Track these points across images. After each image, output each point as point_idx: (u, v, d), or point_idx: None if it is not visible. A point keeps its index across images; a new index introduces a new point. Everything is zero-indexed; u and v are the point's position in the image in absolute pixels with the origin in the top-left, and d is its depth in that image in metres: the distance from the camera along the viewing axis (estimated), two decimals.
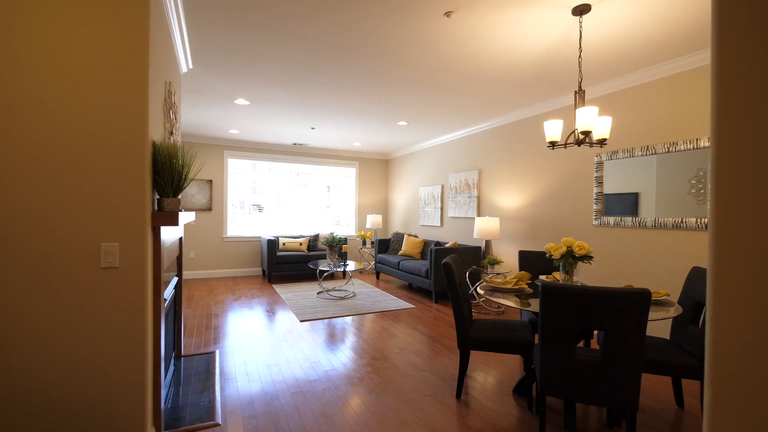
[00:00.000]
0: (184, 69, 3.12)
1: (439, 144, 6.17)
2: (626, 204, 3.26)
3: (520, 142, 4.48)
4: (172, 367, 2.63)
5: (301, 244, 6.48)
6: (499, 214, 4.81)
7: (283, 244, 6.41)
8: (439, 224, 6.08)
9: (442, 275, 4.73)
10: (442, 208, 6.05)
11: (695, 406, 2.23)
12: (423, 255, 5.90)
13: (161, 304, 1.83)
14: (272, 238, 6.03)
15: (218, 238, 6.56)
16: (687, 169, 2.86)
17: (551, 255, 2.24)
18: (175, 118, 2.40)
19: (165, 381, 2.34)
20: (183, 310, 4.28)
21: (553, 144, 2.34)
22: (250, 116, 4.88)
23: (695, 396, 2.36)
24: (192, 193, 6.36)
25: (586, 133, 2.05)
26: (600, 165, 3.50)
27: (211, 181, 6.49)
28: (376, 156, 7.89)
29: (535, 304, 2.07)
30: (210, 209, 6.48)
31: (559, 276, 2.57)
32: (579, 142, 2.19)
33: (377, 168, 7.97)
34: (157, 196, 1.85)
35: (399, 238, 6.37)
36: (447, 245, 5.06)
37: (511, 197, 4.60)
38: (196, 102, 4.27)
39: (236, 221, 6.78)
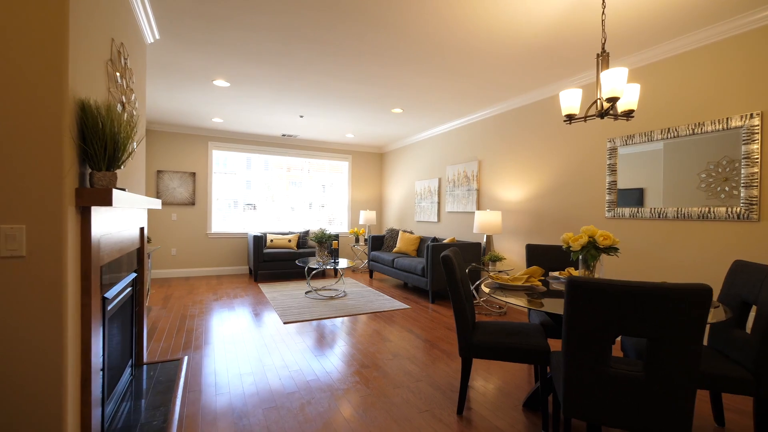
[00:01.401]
0: (149, 38, 2.76)
1: (435, 135, 5.84)
2: (635, 197, 2.95)
3: (524, 130, 4.15)
4: (128, 378, 2.27)
5: (290, 240, 6.12)
6: (500, 207, 4.49)
7: (271, 240, 6.04)
8: (436, 220, 5.75)
9: (440, 273, 4.40)
10: (439, 203, 5.71)
11: (740, 424, 1.91)
12: (419, 252, 5.56)
13: (94, 305, 1.48)
14: (259, 234, 5.66)
15: (202, 234, 6.18)
16: (696, 163, 2.65)
17: (569, 247, 1.91)
18: (127, 86, 2.04)
19: (115, 395, 1.99)
20: (156, 311, 3.91)
21: (570, 118, 2.01)
22: (232, 101, 4.52)
23: (740, 413, 2.03)
24: (173, 186, 5.98)
25: (613, 101, 1.72)
26: (613, 151, 3.19)
27: (194, 173, 6.11)
28: (369, 149, 7.54)
29: (549, 304, 1.74)
30: (193, 204, 6.10)
31: (575, 272, 2.24)
32: (602, 114, 1.86)
33: (371, 162, 7.63)
34: (90, 171, 1.49)
35: (393, 234, 6.03)
36: (444, 241, 4.73)
37: (514, 189, 4.28)
38: (171, 83, 3.90)
39: (228, 219, 6.40)
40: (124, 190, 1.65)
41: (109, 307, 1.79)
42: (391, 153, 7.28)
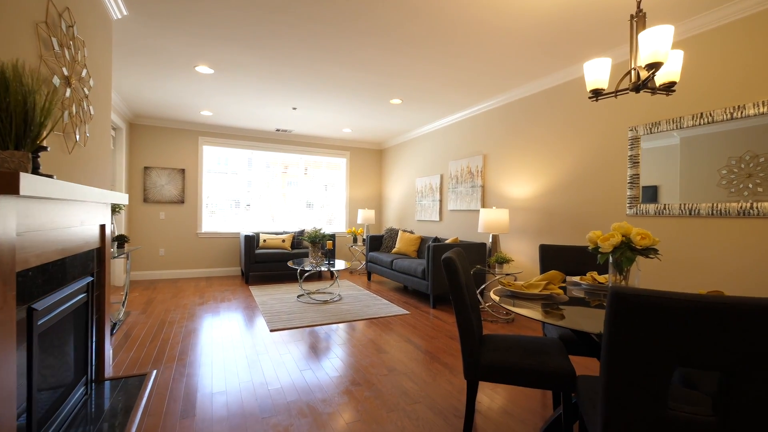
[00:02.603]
0: (115, 14, 2.46)
1: (437, 128, 5.52)
2: (649, 194, 2.62)
3: (533, 121, 3.83)
4: (80, 398, 1.97)
5: (284, 240, 5.82)
6: (507, 205, 4.16)
7: (264, 240, 5.74)
8: (437, 219, 5.43)
9: (441, 276, 4.07)
10: (441, 201, 5.39)
11: None
12: (419, 253, 5.24)
13: (4, 320, 1.17)
14: (251, 234, 5.36)
15: (191, 233, 5.89)
16: (716, 158, 2.42)
17: (597, 248, 1.58)
18: (73, 58, 1.74)
19: (57, 421, 1.68)
20: (134, 316, 3.60)
21: (597, 94, 1.69)
22: (219, 91, 4.22)
23: None
24: (162, 183, 5.68)
25: (654, 68, 1.40)
26: (635, 141, 2.86)
27: (183, 170, 5.81)
28: (368, 145, 7.23)
29: (572, 317, 1.43)
30: (182, 201, 5.80)
31: (600, 277, 1.92)
32: (638, 86, 1.54)
33: (370, 158, 7.31)
34: None
35: (393, 234, 5.71)
36: (447, 241, 4.41)
37: (522, 185, 3.95)
38: (151, 70, 3.60)
39: (220, 218, 6.10)
40: (51, 176, 1.35)
41: (40, 321, 1.49)
42: (391, 149, 6.97)
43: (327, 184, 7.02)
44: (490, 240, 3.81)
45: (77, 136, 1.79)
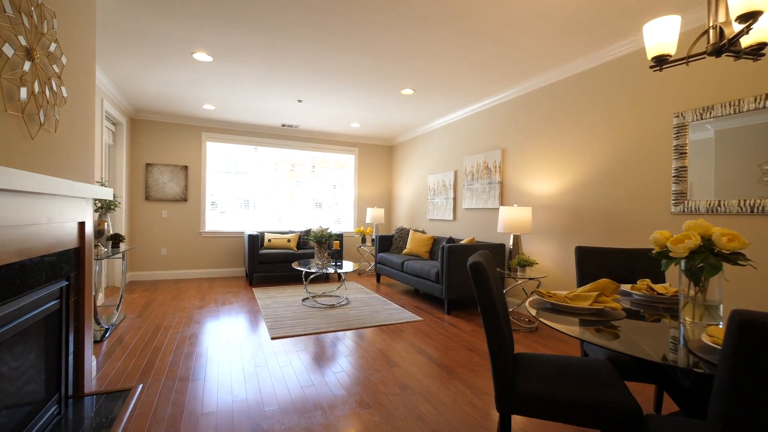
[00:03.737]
0: None
1: (451, 122, 5.21)
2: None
3: (560, 110, 3.50)
4: (51, 418, 1.73)
5: (289, 240, 5.57)
6: (528, 202, 3.83)
7: (269, 240, 5.50)
8: (451, 218, 5.12)
9: (456, 279, 3.76)
10: (455, 199, 5.08)
11: None
12: (432, 254, 4.94)
13: None
14: (255, 233, 5.12)
15: (194, 233, 5.68)
16: (756, 153, 2.18)
17: (665, 251, 1.27)
18: (37, 28, 1.49)
19: None
20: (129, 320, 3.38)
21: (660, 62, 1.37)
22: (221, 82, 3.98)
23: None
24: (164, 180, 5.49)
25: (752, 18, 1.08)
26: (682, 129, 2.52)
27: (186, 167, 5.61)
28: (377, 141, 6.94)
29: (631, 337, 1.14)
30: (185, 200, 5.60)
31: (658, 286, 1.60)
32: (719, 48, 1.22)
33: (379, 155, 7.03)
34: None
35: (403, 234, 5.42)
36: (462, 242, 4.10)
37: (546, 181, 3.62)
38: (146, 58, 3.38)
39: (225, 217, 5.89)
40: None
41: None
42: (402, 145, 6.67)
43: (335, 184, 6.76)
44: (511, 241, 3.49)
45: (42, 120, 1.54)
